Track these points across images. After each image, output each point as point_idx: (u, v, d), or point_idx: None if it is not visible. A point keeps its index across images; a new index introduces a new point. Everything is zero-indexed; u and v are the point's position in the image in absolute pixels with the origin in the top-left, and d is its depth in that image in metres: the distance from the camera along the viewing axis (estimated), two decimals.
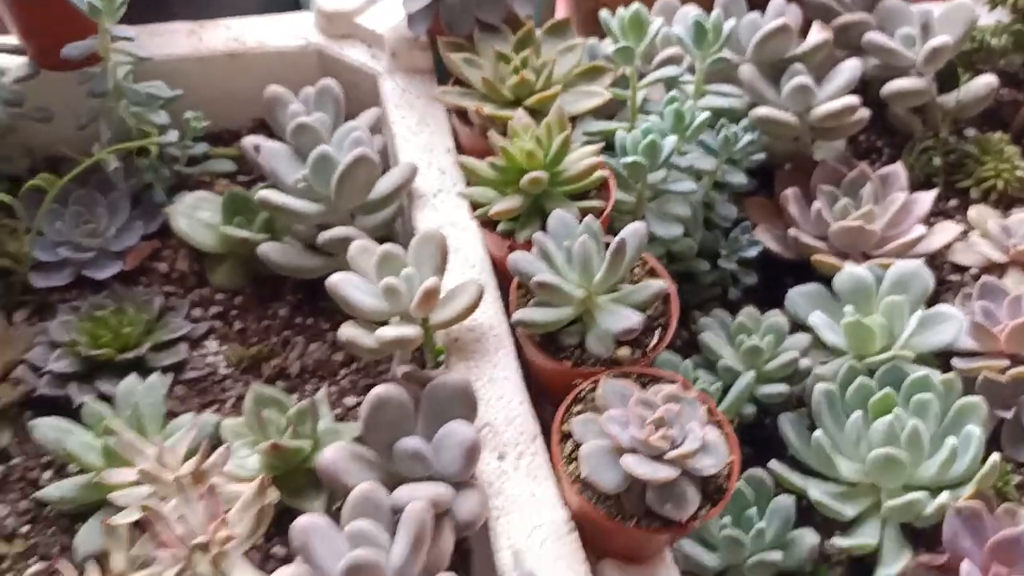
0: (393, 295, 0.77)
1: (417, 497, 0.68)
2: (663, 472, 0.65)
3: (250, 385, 0.88)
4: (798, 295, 0.99)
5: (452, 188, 0.96)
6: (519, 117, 0.88)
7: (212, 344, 0.95)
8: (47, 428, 0.83)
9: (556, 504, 0.73)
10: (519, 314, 0.75)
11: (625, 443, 0.66)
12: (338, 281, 0.78)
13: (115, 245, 1.00)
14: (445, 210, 0.94)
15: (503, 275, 0.88)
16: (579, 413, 0.72)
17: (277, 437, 0.80)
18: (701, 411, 0.69)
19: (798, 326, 0.97)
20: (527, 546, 0.70)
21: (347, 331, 0.78)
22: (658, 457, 0.66)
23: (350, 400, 0.90)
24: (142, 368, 0.90)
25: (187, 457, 0.76)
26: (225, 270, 0.99)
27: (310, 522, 0.65)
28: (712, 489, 0.69)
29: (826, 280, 0.98)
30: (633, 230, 0.76)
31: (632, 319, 0.73)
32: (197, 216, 1.00)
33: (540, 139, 0.83)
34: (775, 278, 1.07)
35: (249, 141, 0.98)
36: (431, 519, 0.66)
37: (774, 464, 0.86)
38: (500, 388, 0.80)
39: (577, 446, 0.69)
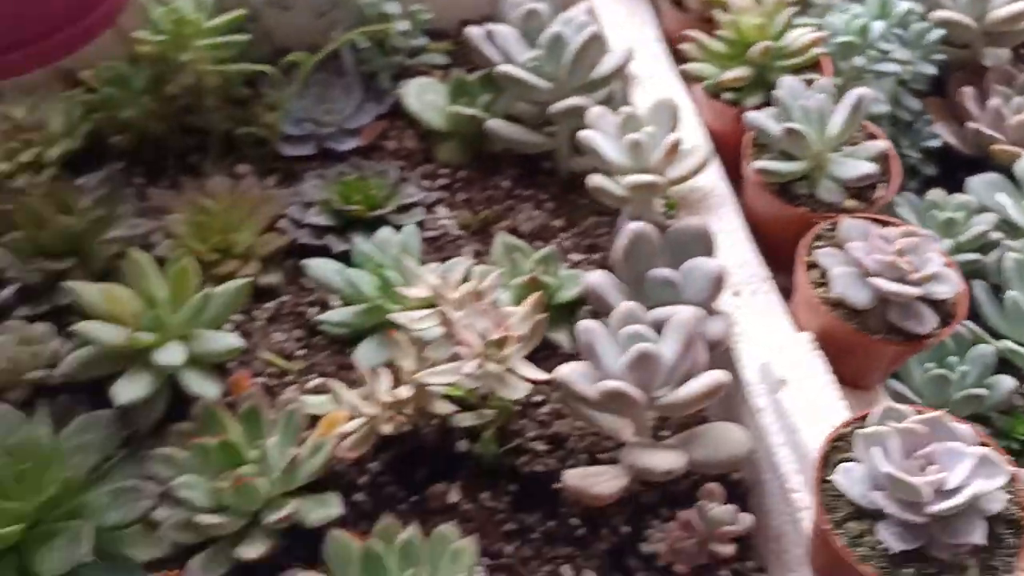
0: (636, 149, 0.87)
1: (673, 314, 0.77)
2: (907, 291, 0.74)
3: (488, 241, 0.99)
4: (979, 182, 1.06)
5: (662, 71, 1.05)
6: None
7: (442, 210, 1.06)
8: (319, 267, 0.95)
9: (791, 331, 0.82)
10: (761, 163, 0.84)
11: (871, 267, 0.75)
12: (589, 135, 0.88)
13: (351, 123, 1.11)
14: (656, 91, 1.03)
15: (720, 144, 0.96)
16: (819, 248, 0.80)
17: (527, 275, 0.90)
18: (935, 245, 0.77)
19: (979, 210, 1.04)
20: (773, 362, 0.79)
21: (596, 179, 0.87)
22: (900, 279, 0.75)
23: (575, 256, 1.00)
24: (387, 225, 1.01)
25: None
26: (449, 147, 1.10)
27: (593, 324, 0.75)
28: (942, 315, 0.77)
29: (1003, 170, 1.05)
30: (863, 92, 0.84)
31: (866, 167, 0.81)
32: (425, 98, 1.10)
33: (768, 14, 0.91)
34: (951, 173, 1.14)
35: (475, 30, 1.08)
36: (695, 326, 0.76)
37: (969, 323, 0.94)
38: (728, 238, 0.89)
39: (822, 274, 0.78)
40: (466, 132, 1.09)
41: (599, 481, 0.78)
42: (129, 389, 0.82)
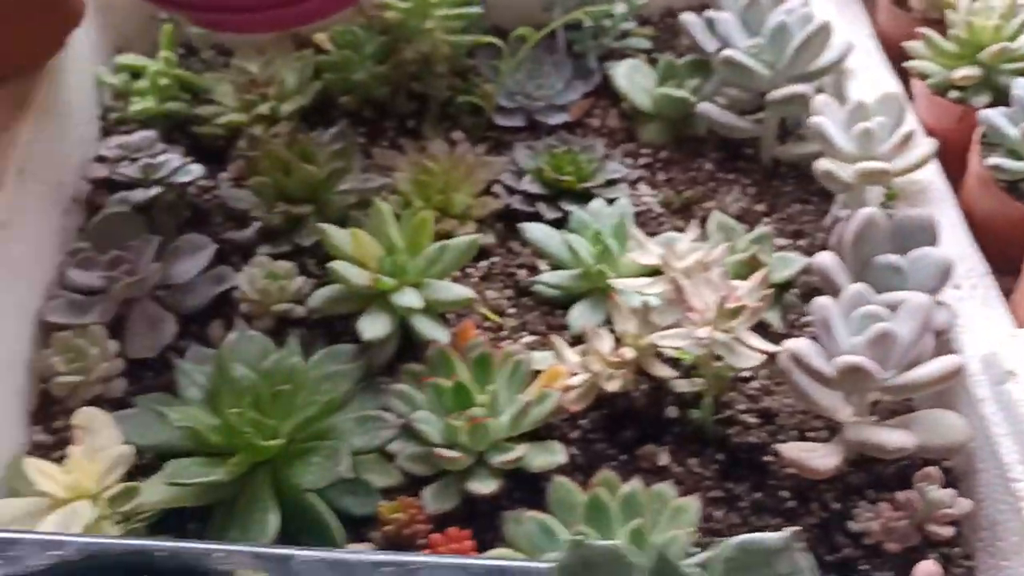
0: (866, 137, 0.89)
1: (907, 298, 0.79)
2: None
3: (690, 221, 1.02)
4: None
5: (875, 67, 1.07)
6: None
7: (643, 188, 1.10)
8: (536, 231, 1.01)
9: (1013, 326, 0.83)
10: (995, 160, 0.85)
11: None
12: (820, 121, 0.90)
13: (559, 99, 1.16)
14: (871, 85, 1.04)
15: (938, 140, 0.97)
16: None
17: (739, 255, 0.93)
18: None
19: None
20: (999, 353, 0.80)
21: (824, 164, 0.90)
22: None
23: (779, 241, 1.02)
24: (593, 198, 1.06)
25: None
26: (654, 128, 1.14)
27: (828, 301, 0.78)
28: None
29: None
30: None
31: None
32: (635, 79, 1.15)
33: (1004, 16, 0.92)
34: None
35: (691, 17, 1.11)
36: (928, 312, 0.78)
37: None
38: (948, 232, 0.90)
39: None
40: (671, 114, 1.13)
41: (815, 456, 0.80)
42: (373, 327, 0.88)
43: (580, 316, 0.94)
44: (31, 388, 0.90)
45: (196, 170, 1.05)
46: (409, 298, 0.90)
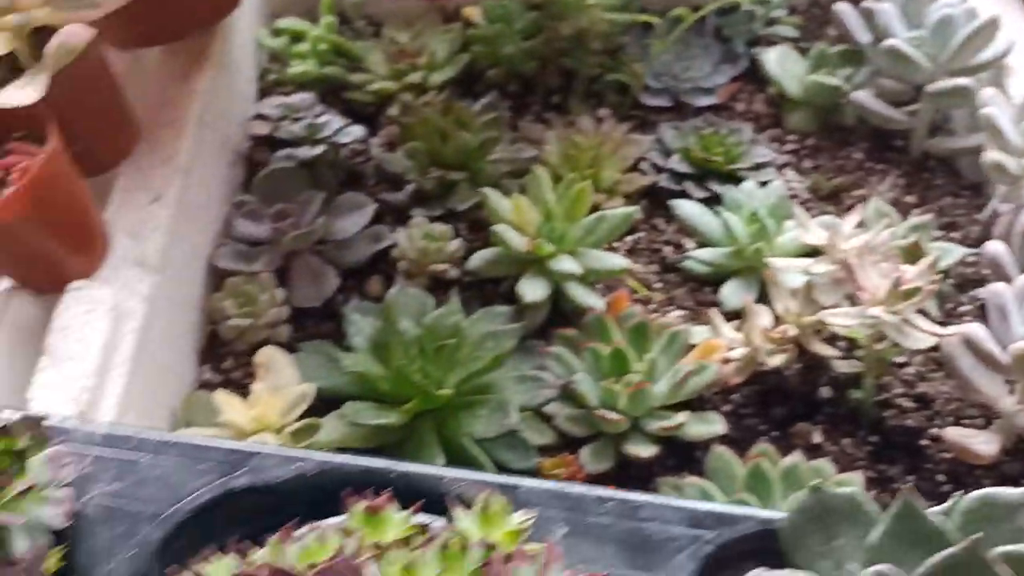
0: None
1: None
2: None
3: (838, 208, 1.03)
4: None
5: None
6: None
7: (790, 174, 1.10)
8: (688, 208, 1.02)
9: None
10: None
11: None
12: (992, 113, 0.90)
13: (707, 82, 1.17)
14: None
15: None
16: None
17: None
18: None
19: None
20: None
21: (994, 155, 0.89)
22: None
23: (932, 233, 1.02)
24: (739, 181, 1.06)
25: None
26: (801, 115, 1.14)
27: (1004, 287, 0.78)
28: None
29: None
30: None
31: None
32: (786, 65, 1.15)
33: None
34: None
35: (846, 6, 1.11)
36: None
37: None
38: None
39: None
40: (820, 102, 1.13)
41: (977, 441, 0.80)
42: (533, 290, 0.91)
43: (733, 293, 0.95)
44: (201, 329, 0.95)
45: (356, 132, 1.08)
46: (567, 264, 0.92)
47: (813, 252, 0.91)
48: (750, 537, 0.52)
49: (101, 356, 0.74)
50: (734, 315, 0.94)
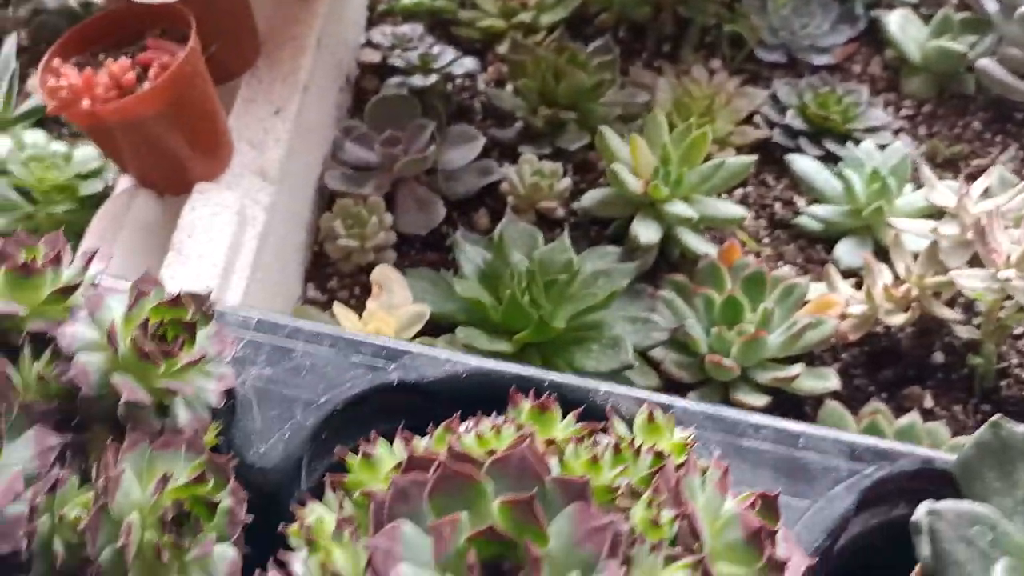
0: None
1: None
2: None
3: (955, 176, 1.00)
4: None
5: None
6: None
7: (904, 139, 1.07)
8: (805, 164, 1.00)
9: None
10: None
11: None
12: None
13: (823, 41, 1.14)
14: None
15: None
16: None
17: None
18: None
19: None
20: None
21: None
22: None
23: None
24: (855, 141, 1.04)
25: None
26: (919, 80, 1.11)
27: None
28: None
29: None
30: None
31: None
32: (907, 29, 1.12)
33: None
34: None
35: None
36: None
37: None
38: None
39: None
40: (941, 68, 1.09)
41: None
42: (647, 232, 0.89)
43: (848, 252, 0.93)
44: (309, 248, 0.94)
45: (469, 64, 1.07)
46: (681, 209, 0.90)
47: (933, 216, 0.89)
48: (909, 475, 0.51)
49: (227, 256, 0.74)
50: (847, 274, 0.92)
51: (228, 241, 0.75)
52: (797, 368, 0.82)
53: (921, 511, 0.46)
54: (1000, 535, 0.44)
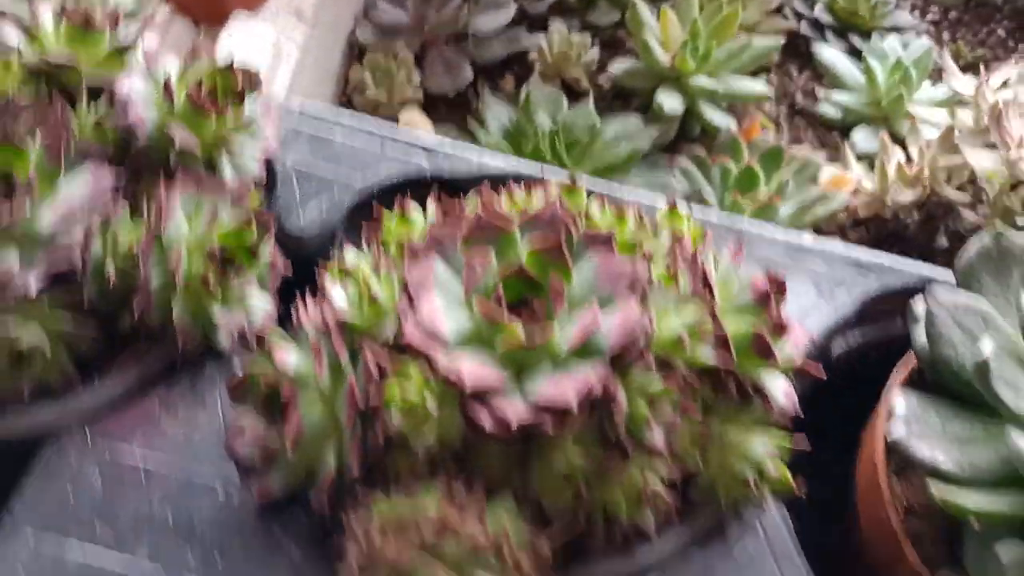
0: None
1: None
2: None
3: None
4: None
5: None
6: None
7: (927, 41, 1.09)
8: (830, 53, 1.01)
9: None
10: None
11: None
12: None
13: None
14: None
15: None
16: None
17: None
18: None
19: None
20: None
21: None
22: None
23: None
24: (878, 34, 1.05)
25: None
26: None
27: None
28: None
29: None
30: None
31: None
32: None
33: None
34: None
35: None
36: None
37: None
38: None
39: None
40: None
41: None
42: (670, 101, 0.91)
43: (865, 138, 0.95)
44: (336, 99, 0.96)
45: None
46: (706, 82, 0.92)
47: (950, 110, 0.91)
48: (910, 290, 0.54)
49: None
50: (861, 158, 0.94)
51: (264, 69, 0.77)
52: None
53: (919, 301, 0.49)
54: (990, 324, 0.46)
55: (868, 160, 0.93)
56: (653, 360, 0.41)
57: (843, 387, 0.53)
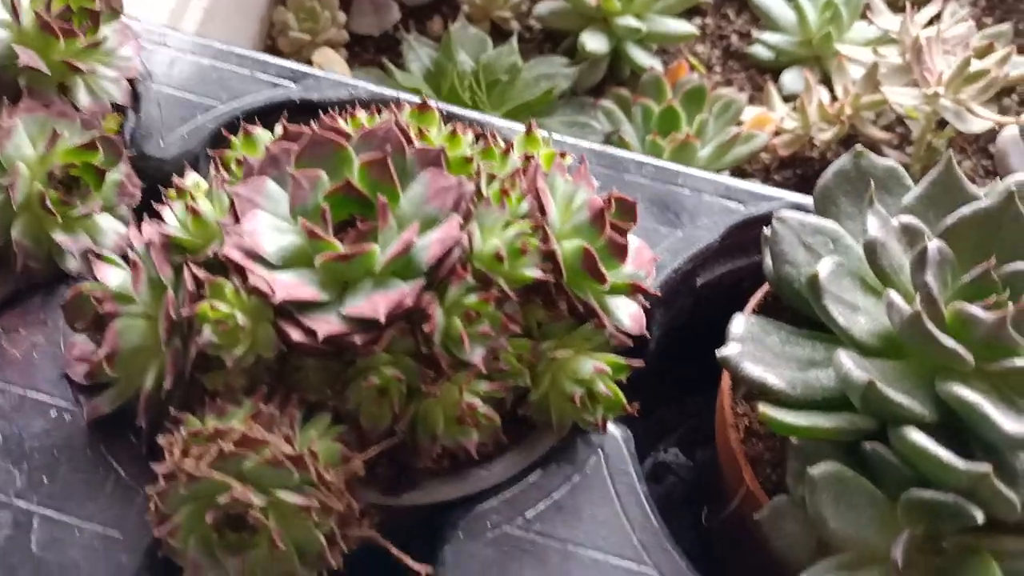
0: None
1: None
2: None
3: None
4: None
5: None
6: None
7: None
8: None
9: None
10: None
11: None
12: None
13: None
14: None
15: None
16: None
17: None
18: None
19: None
20: None
21: None
22: None
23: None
24: None
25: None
26: None
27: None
28: None
29: None
30: None
31: None
32: None
33: None
34: None
35: None
36: None
37: None
38: None
39: None
40: None
41: None
42: (594, 41, 0.90)
43: (794, 80, 0.94)
44: (261, 41, 0.95)
45: None
46: (632, 22, 0.91)
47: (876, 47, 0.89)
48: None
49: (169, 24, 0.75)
50: (789, 99, 0.93)
51: (168, 8, 0.76)
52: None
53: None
54: (838, 244, 0.46)
55: (796, 101, 0.92)
56: (472, 277, 0.41)
57: (712, 317, 0.53)
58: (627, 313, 0.46)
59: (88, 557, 0.40)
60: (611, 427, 0.46)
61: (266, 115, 0.55)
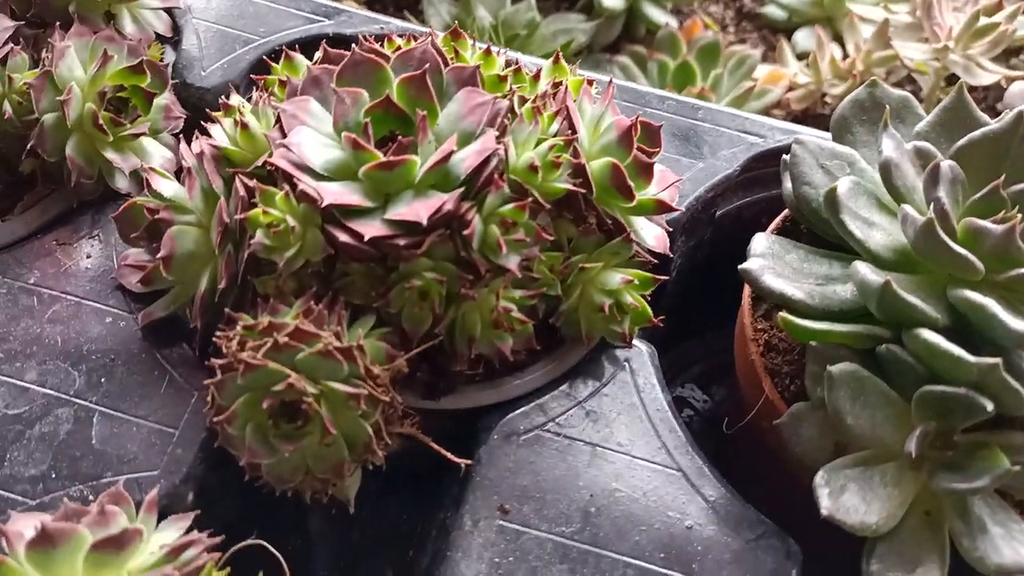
0: None
1: None
2: None
3: None
4: None
5: None
6: None
7: None
8: None
9: None
10: None
11: None
12: None
13: None
14: None
15: None
16: None
17: None
18: None
19: None
20: None
21: None
22: None
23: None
24: None
25: None
26: None
27: None
28: None
29: None
30: None
31: None
32: None
33: None
34: None
35: None
36: None
37: None
38: None
39: None
40: None
41: None
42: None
43: (806, 38, 0.96)
44: None
45: None
46: None
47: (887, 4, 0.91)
48: None
49: None
50: (801, 57, 0.95)
51: None
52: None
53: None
54: (854, 167, 0.48)
55: (809, 58, 0.94)
56: (507, 188, 0.43)
57: (730, 252, 0.55)
58: (652, 234, 0.48)
59: (145, 450, 0.42)
60: (637, 342, 0.48)
61: (303, 48, 0.56)
